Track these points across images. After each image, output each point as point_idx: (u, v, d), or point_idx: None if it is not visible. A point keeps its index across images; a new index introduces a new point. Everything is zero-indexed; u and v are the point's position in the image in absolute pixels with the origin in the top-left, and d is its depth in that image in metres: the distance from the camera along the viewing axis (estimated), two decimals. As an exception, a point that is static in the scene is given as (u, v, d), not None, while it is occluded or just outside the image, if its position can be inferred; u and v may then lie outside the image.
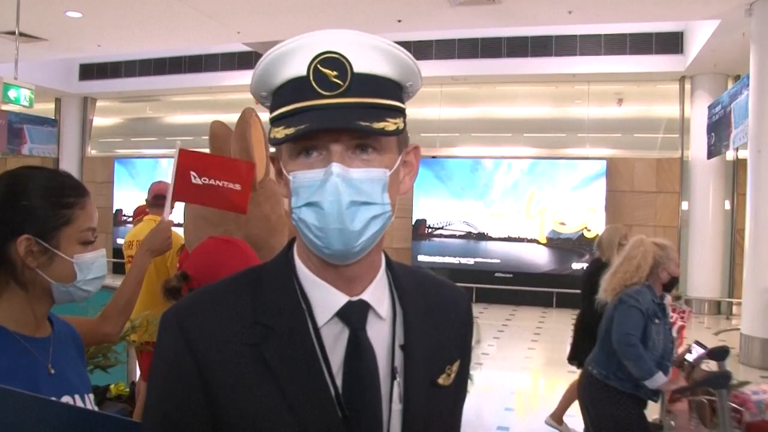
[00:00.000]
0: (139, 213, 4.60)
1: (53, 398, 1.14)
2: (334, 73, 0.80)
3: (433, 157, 11.75)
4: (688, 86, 10.86)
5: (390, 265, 0.92)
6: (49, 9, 8.36)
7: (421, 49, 11.24)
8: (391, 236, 11.88)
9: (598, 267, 3.90)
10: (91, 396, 1.27)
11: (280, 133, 0.80)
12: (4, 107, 9.36)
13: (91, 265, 1.27)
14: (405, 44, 10.70)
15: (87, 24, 9.01)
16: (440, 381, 0.91)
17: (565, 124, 11.77)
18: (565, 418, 4.50)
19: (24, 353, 1.18)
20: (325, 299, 0.85)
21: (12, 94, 8.03)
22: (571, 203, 10.77)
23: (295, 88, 0.81)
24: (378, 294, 0.88)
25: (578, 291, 4.43)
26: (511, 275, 10.92)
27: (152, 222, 4.10)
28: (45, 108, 14.11)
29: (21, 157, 12.56)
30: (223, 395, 0.81)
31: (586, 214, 10.68)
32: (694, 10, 8.25)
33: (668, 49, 10.34)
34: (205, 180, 2.31)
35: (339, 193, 0.79)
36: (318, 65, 0.80)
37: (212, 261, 1.84)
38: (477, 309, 10.17)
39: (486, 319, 9.54)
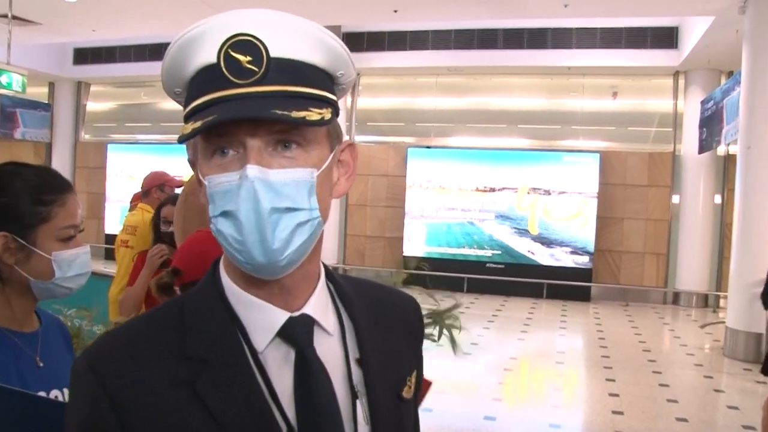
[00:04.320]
0: (136, 199, 4.61)
1: (41, 393, 1.17)
2: (248, 58, 0.70)
3: (428, 147, 11.79)
4: (681, 81, 10.91)
5: (330, 276, 0.83)
6: (44, -7, 8.32)
7: (417, 39, 11.25)
8: (384, 226, 11.92)
9: None
10: None
11: (188, 128, 0.70)
12: (-3, 91, 9.30)
13: (72, 263, 1.25)
14: (401, 34, 10.62)
15: (82, 8, 8.94)
16: (404, 394, 0.84)
17: (560, 116, 11.80)
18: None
19: (10, 347, 1.20)
20: (262, 319, 0.75)
21: (4, 79, 7.95)
22: (564, 195, 10.84)
23: (206, 78, 0.72)
24: (321, 307, 0.79)
25: (569, 282, 4.33)
26: (502, 266, 10.98)
27: (145, 211, 4.13)
28: (38, 92, 14.03)
29: (14, 141, 12.49)
30: None
31: (579, 207, 10.75)
32: (689, 6, 8.30)
33: (663, 44, 10.37)
34: None
35: (257, 200, 0.68)
36: (229, 50, 0.70)
37: (199, 252, 1.89)
38: (468, 299, 10.26)
39: (477, 309, 9.61)
